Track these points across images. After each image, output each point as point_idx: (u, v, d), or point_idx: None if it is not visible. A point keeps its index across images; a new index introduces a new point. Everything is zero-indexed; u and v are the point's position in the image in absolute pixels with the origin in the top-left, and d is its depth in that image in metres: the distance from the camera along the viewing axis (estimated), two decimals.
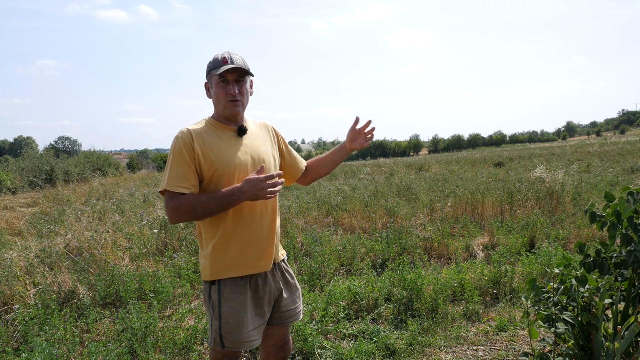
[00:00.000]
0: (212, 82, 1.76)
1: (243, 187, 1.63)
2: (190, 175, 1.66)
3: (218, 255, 1.74)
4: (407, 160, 29.11)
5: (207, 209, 1.63)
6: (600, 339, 1.85)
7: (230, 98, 1.73)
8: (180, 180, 1.65)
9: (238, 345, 1.75)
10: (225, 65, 1.70)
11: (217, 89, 1.74)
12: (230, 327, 1.73)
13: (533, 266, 3.95)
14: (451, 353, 2.89)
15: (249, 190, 1.62)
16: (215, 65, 1.73)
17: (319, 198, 8.00)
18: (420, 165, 19.39)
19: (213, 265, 1.74)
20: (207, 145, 1.70)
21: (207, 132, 1.74)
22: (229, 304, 1.73)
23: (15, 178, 14.99)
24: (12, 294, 3.75)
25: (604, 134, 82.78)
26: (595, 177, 9.43)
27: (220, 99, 1.75)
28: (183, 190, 1.64)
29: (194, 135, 1.70)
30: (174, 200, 1.64)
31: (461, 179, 10.56)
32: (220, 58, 1.72)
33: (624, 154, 18.16)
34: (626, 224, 1.94)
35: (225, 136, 1.77)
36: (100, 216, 7.18)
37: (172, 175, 1.65)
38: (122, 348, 2.92)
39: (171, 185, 1.64)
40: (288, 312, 1.91)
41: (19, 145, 71.54)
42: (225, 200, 1.63)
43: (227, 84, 1.73)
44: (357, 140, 2.03)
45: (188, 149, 1.67)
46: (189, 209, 1.62)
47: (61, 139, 67.25)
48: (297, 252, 4.98)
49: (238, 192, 1.63)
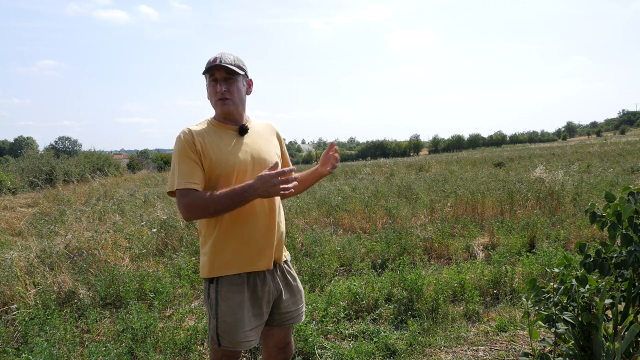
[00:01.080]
0: (206, 82, 1.81)
1: (254, 183, 1.62)
2: (198, 172, 1.69)
3: (216, 252, 1.76)
4: (407, 160, 29.11)
5: (219, 205, 1.63)
6: (600, 339, 1.85)
7: (218, 96, 1.76)
8: (190, 176, 1.66)
9: (234, 344, 1.75)
10: (213, 64, 1.74)
11: (209, 88, 1.80)
12: (226, 326, 1.73)
13: (533, 266, 3.95)
14: (451, 353, 2.89)
15: (261, 187, 1.61)
16: (206, 65, 1.76)
17: (319, 198, 8.00)
18: (420, 165, 19.40)
19: (211, 262, 1.76)
20: (207, 145, 1.72)
21: (208, 131, 1.76)
22: (226, 303, 1.74)
23: (15, 178, 15.00)
24: (12, 294, 3.75)
25: (604, 134, 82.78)
26: (595, 177, 9.43)
27: (211, 98, 1.80)
28: (194, 186, 1.66)
29: (195, 134, 1.72)
30: (187, 197, 1.65)
31: (461, 179, 10.55)
32: (212, 58, 1.75)
33: (624, 154, 18.15)
34: (626, 224, 1.94)
35: (225, 135, 1.78)
36: (100, 216, 7.18)
37: (181, 173, 1.67)
38: (122, 348, 2.92)
39: (182, 182, 1.65)
40: (288, 313, 1.91)
41: (19, 145, 71.55)
42: (237, 197, 1.63)
43: (216, 82, 1.76)
44: (326, 165, 2.05)
45: (191, 147, 1.70)
46: (201, 205, 1.63)
47: (61, 139, 67.22)
48: (297, 252, 4.97)
49: (250, 189, 1.62)
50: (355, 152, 69.03)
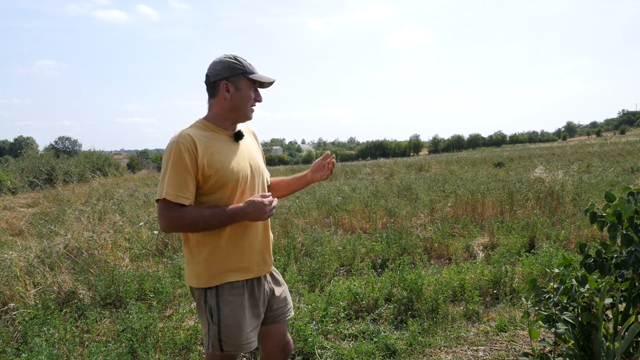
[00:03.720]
0: (239, 83, 1.73)
1: (246, 208, 1.65)
2: (190, 185, 1.62)
3: (216, 260, 1.71)
4: (407, 160, 29.10)
5: (208, 224, 1.64)
6: (600, 339, 1.85)
7: (254, 103, 1.80)
8: (181, 189, 1.60)
9: (237, 348, 1.73)
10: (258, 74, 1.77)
11: (248, 92, 1.76)
12: (229, 330, 1.72)
13: (533, 266, 3.95)
14: (451, 353, 2.89)
15: (252, 212, 1.66)
16: (248, 70, 1.74)
17: (319, 198, 8.00)
18: (420, 165, 19.39)
19: (211, 271, 1.71)
20: (210, 151, 1.66)
21: (207, 136, 1.70)
22: (228, 307, 1.72)
23: (15, 178, 14.99)
24: (12, 294, 3.75)
25: (604, 134, 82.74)
26: (595, 177, 9.42)
27: (246, 102, 1.76)
28: (184, 201, 1.60)
29: (196, 141, 1.64)
30: (174, 211, 1.60)
31: (461, 179, 10.55)
32: (248, 64, 1.76)
33: (624, 154, 18.14)
34: (626, 224, 1.94)
35: (223, 141, 1.75)
36: (100, 216, 7.18)
37: (172, 184, 1.59)
38: (122, 348, 2.92)
39: (171, 194, 1.58)
40: (279, 309, 1.93)
41: (19, 145, 71.51)
42: (227, 218, 1.65)
43: (255, 90, 1.79)
44: (319, 172, 2.03)
45: (190, 155, 1.61)
46: (189, 222, 1.61)
47: (61, 139, 67.21)
48: (297, 252, 4.98)
49: (241, 212, 1.65)
50: (355, 152, 69.03)
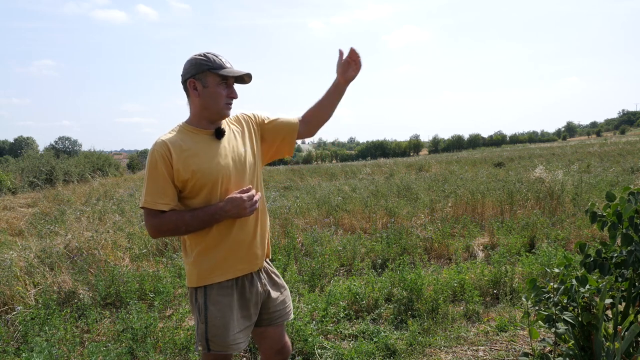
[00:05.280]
0: (207, 80, 1.68)
1: (225, 206, 1.65)
2: (168, 190, 1.63)
3: (204, 260, 1.72)
4: (407, 160, 29.11)
5: (190, 227, 1.65)
6: (600, 339, 1.85)
7: (227, 100, 1.72)
8: (159, 196, 1.62)
9: (224, 348, 1.73)
10: (227, 68, 1.69)
11: (218, 89, 1.69)
12: (216, 329, 1.71)
13: (533, 266, 3.95)
14: (451, 353, 2.89)
15: (231, 209, 1.65)
16: (216, 65, 1.68)
17: (319, 198, 8.00)
18: (420, 165, 19.40)
19: (200, 270, 1.73)
20: (185, 155, 1.65)
21: (184, 140, 1.68)
22: (215, 307, 1.72)
23: (15, 178, 14.99)
24: (12, 294, 3.75)
25: (604, 134, 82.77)
26: (595, 177, 9.42)
27: (218, 100, 1.70)
28: (162, 207, 1.63)
29: (170, 146, 1.64)
30: (155, 218, 1.63)
31: (461, 179, 10.55)
32: (218, 59, 1.69)
33: (624, 154, 18.15)
34: (626, 223, 1.94)
35: (202, 141, 1.71)
36: (100, 216, 7.18)
37: (150, 192, 1.62)
38: (122, 348, 2.92)
39: (149, 202, 1.62)
40: (277, 312, 1.90)
41: (19, 145, 71.48)
42: (208, 218, 1.65)
43: (227, 86, 1.72)
44: (348, 70, 1.91)
45: (164, 162, 1.62)
46: (170, 227, 1.64)
47: (61, 139, 67.27)
48: (297, 252, 4.97)
49: (221, 211, 1.65)
50: (355, 152, 69.04)
